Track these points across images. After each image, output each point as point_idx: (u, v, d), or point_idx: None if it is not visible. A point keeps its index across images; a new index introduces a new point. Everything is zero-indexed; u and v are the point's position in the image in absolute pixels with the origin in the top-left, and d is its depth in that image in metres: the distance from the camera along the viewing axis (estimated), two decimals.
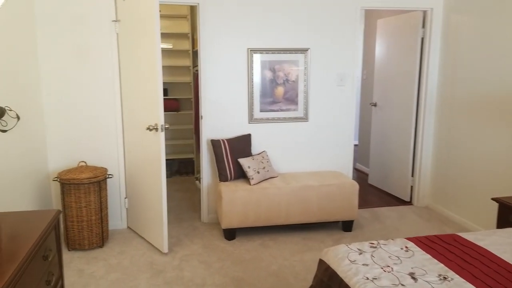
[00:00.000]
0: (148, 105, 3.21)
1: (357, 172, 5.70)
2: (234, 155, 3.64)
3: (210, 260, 3.16)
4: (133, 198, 3.64)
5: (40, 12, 3.33)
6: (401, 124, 4.49)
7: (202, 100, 3.75)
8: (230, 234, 3.52)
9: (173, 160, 5.67)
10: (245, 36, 3.74)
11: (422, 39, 4.18)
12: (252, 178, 3.53)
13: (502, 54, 3.35)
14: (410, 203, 4.45)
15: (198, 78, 3.80)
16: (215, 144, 3.62)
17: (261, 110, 3.86)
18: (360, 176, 5.53)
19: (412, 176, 4.41)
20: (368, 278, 1.74)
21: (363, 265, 1.86)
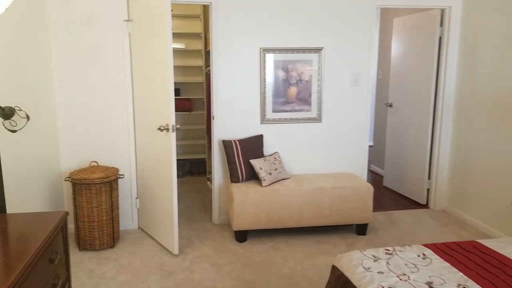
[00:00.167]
0: (159, 105, 3.19)
1: (371, 173, 5.59)
2: (245, 156, 3.59)
3: (221, 263, 3.11)
4: (144, 198, 3.62)
5: (53, 12, 3.33)
6: (418, 125, 4.37)
7: (214, 100, 3.71)
8: (241, 236, 3.47)
9: (185, 160, 5.65)
10: (258, 36, 3.69)
11: (440, 38, 4.07)
12: (264, 180, 3.47)
13: None
14: (426, 206, 4.34)
15: (210, 78, 3.76)
16: (227, 145, 3.57)
17: (274, 111, 3.80)
18: (375, 178, 5.42)
19: (429, 178, 4.29)
20: (383, 287, 1.67)
21: (378, 273, 1.79)
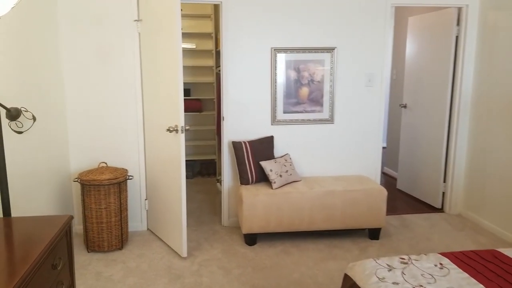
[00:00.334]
0: (168, 106, 3.15)
1: (384, 176, 5.48)
2: (256, 157, 3.52)
3: (230, 266, 3.05)
4: (153, 200, 3.58)
5: (63, 12, 3.32)
6: (433, 126, 4.26)
7: (224, 101, 3.65)
8: (251, 239, 3.41)
9: (195, 161, 5.61)
10: (269, 35, 3.62)
11: (457, 37, 3.95)
12: (274, 182, 3.40)
13: None
14: (441, 210, 4.22)
15: (220, 78, 3.71)
16: (237, 146, 3.51)
17: (285, 112, 3.73)
18: (388, 180, 5.31)
19: (444, 181, 4.17)
20: None
21: (393, 283, 1.70)
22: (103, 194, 3.18)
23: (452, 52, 3.97)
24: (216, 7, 4.96)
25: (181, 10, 3.15)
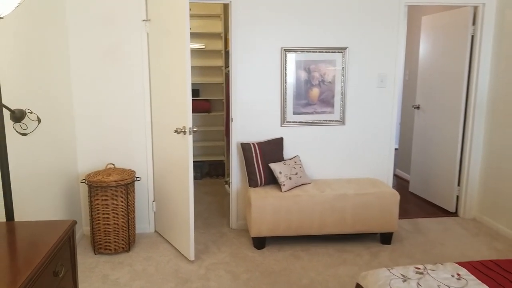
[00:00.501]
0: (176, 107, 3.10)
1: (396, 178, 5.37)
2: (265, 159, 3.46)
3: (238, 271, 2.99)
4: (161, 202, 3.54)
5: (70, 12, 3.29)
6: (447, 128, 4.15)
7: (233, 101, 3.59)
8: (260, 243, 3.35)
9: (203, 162, 5.57)
10: (279, 35, 3.55)
11: (472, 37, 3.84)
12: (284, 185, 3.34)
13: None
14: (455, 214, 4.11)
15: (229, 79, 3.65)
16: (245, 148, 3.45)
17: (295, 113, 3.66)
18: (400, 183, 5.20)
19: (459, 185, 4.06)
20: None
21: None
22: (110, 195, 3.14)
23: (468, 52, 3.86)
24: (226, 7, 4.91)
25: (190, 9, 3.10)
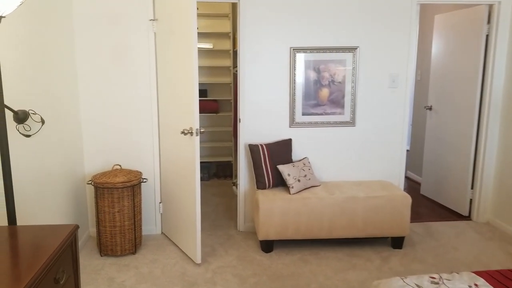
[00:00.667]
0: (183, 108, 3.05)
1: (407, 180, 5.26)
2: (273, 161, 3.40)
3: (245, 274, 2.94)
4: (168, 203, 3.50)
5: (77, 12, 3.27)
6: (461, 130, 4.04)
7: (241, 102, 3.54)
8: (267, 246, 3.29)
9: (211, 163, 5.52)
10: (288, 34, 3.49)
11: (487, 36, 3.73)
12: (292, 187, 3.27)
13: None
14: (468, 218, 4.00)
15: (237, 79, 3.60)
16: (253, 149, 3.39)
17: (304, 114, 3.59)
18: (411, 185, 5.10)
19: (472, 188, 3.96)
20: None
21: None
22: (117, 197, 3.11)
23: (482, 51, 3.76)
24: (234, 6, 4.86)
25: (197, 9, 3.06)
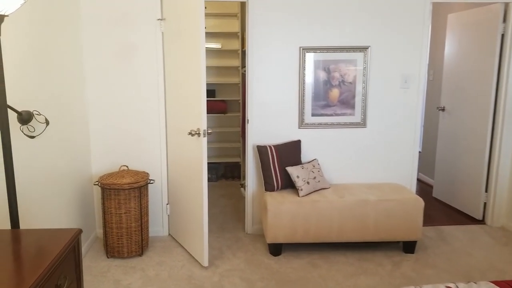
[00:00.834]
0: (191, 109, 3.00)
1: (419, 182, 5.16)
2: (281, 163, 3.34)
3: (253, 278, 2.88)
4: (175, 205, 3.46)
5: (85, 11, 3.24)
6: (475, 131, 3.94)
7: (249, 102, 3.48)
8: (276, 249, 3.23)
9: (219, 163, 5.48)
10: (297, 34, 3.42)
11: (502, 35, 3.63)
12: (301, 189, 3.21)
13: None
14: (482, 222, 3.90)
15: (246, 79, 3.54)
16: (262, 151, 3.34)
17: (313, 114, 3.53)
18: (423, 187, 4.99)
19: (486, 191, 3.85)
20: None
21: None
22: (123, 198, 3.08)
23: (497, 51, 3.66)
24: (243, 5, 4.81)
25: (206, 8, 3.01)
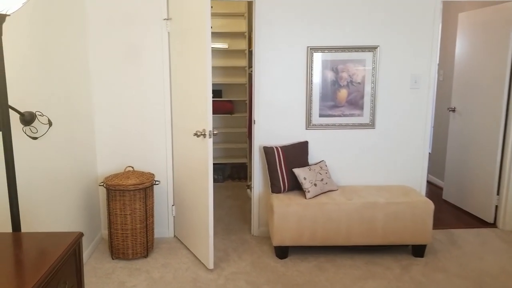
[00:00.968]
0: (196, 110, 2.97)
1: (428, 184, 5.07)
2: (288, 164, 3.29)
3: (259, 282, 2.84)
4: (180, 206, 3.42)
5: (91, 11, 3.22)
6: (486, 133, 3.85)
7: (256, 103, 3.44)
8: (282, 252, 3.18)
9: (226, 164, 5.44)
10: (305, 33, 3.37)
11: None
12: (308, 191, 3.15)
13: None
14: (494, 225, 3.81)
15: (252, 79, 3.50)
16: (268, 152, 3.29)
17: (321, 115, 3.47)
18: (432, 189, 4.91)
19: (498, 194, 3.77)
20: None
21: None
22: (128, 199, 3.05)
23: (510, 51, 3.57)
24: (250, 5, 4.77)
25: (212, 7, 2.98)
